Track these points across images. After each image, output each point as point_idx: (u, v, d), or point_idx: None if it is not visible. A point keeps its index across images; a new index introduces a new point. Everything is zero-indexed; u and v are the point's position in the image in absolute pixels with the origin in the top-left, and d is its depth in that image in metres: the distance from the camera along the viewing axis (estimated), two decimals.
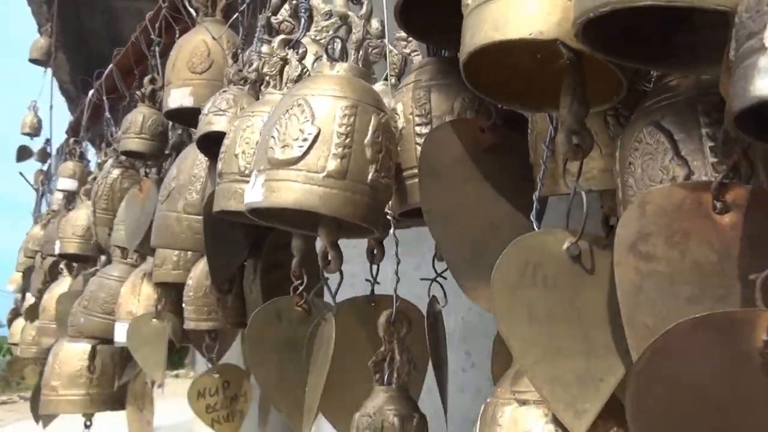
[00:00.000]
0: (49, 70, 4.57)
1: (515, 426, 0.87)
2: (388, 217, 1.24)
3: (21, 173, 4.66)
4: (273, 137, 1.12)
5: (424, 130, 1.15)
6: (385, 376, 1.20)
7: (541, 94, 0.97)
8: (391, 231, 1.26)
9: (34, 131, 4.77)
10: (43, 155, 4.66)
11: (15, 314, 4.26)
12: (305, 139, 1.10)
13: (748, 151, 0.72)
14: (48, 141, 4.55)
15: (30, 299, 3.71)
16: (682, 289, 0.73)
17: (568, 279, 0.90)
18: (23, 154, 4.82)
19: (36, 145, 4.83)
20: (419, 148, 1.15)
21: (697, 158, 0.79)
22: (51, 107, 4.18)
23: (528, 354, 0.90)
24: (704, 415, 0.66)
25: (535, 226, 0.96)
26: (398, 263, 1.24)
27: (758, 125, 0.63)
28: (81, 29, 5.18)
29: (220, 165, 1.44)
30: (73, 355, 2.34)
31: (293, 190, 1.07)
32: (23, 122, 4.76)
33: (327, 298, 1.30)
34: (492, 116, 1.13)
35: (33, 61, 4.56)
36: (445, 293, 1.22)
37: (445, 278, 1.22)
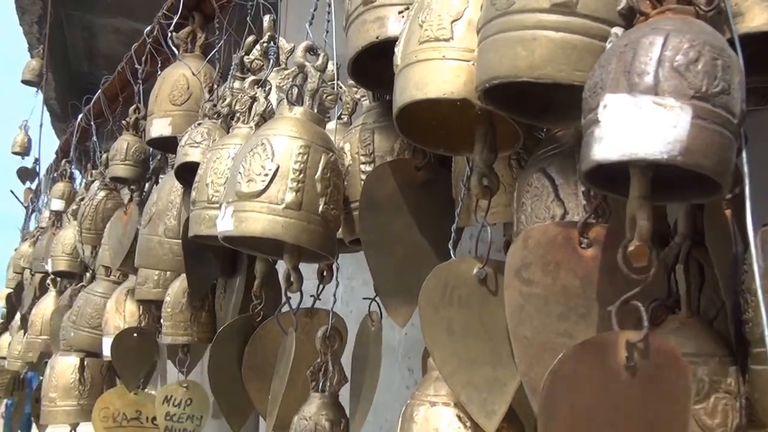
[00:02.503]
0: (41, 91, 4.72)
1: (426, 423, 1.03)
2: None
3: (12, 191, 4.80)
4: (239, 172, 1.27)
5: (368, 168, 1.31)
6: (320, 385, 1.35)
7: (461, 140, 1.13)
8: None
9: (24, 150, 4.91)
10: (33, 174, 4.80)
11: (3, 328, 4.38)
12: (266, 174, 1.25)
13: (606, 197, 0.89)
14: (37, 160, 4.69)
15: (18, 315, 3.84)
16: (554, 308, 0.89)
17: (477, 299, 1.07)
18: (24, 175, 4.95)
19: (24, 163, 4.97)
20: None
21: (571, 200, 0.96)
22: (41, 125, 4.32)
23: (447, 364, 1.06)
24: (595, 424, 0.78)
25: (452, 254, 1.12)
26: (337, 286, 1.40)
27: (610, 177, 0.79)
28: (64, 47, 5.33)
29: (193, 193, 1.58)
30: (67, 367, 2.49)
31: (259, 221, 1.22)
32: (14, 141, 4.90)
33: None
34: (427, 156, 1.30)
35: (25, 82, 4.70)
36: (380, 310, 1.36)
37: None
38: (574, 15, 0.83)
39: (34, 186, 4.76)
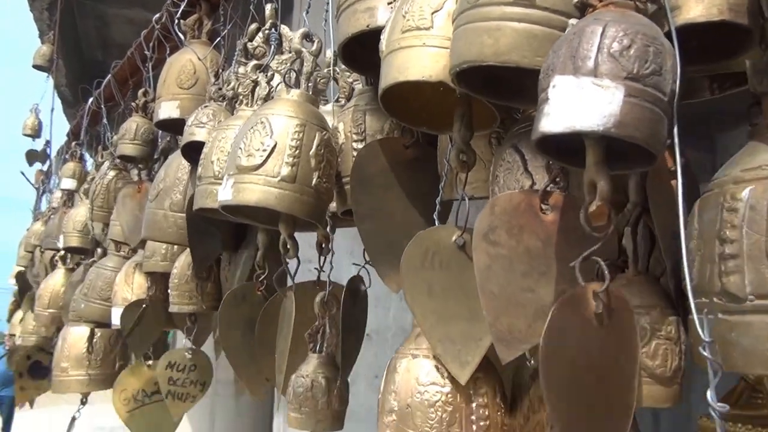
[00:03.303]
0: (51, 76, 4.84)
1: (408, 373, 1.15)
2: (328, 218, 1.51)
3: (22, 173, 4.94)
4: (240, 148, 1.39)
5: (359, 145, 1.43)
6: (317, 346, 1.47)
7: (443, 120, 1.24)
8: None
9: (35, 133, 5.05)
10: (43, 156, 4.94)
11: (15, 306, 4.52)
12: (265, 150, 1.36)
13: (563, 169, 1.01)
14: (48, 143, 4.83)
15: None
16: (518, 266, 1.01)
17: (456, 263, 1.18)
18: (32, 156, 5.08)
19: (34, 146, 5.11)
20: None
21: (539, 173, 1.07)
22: (52, 110, 4.44)
23: (426, 320, 1.18)
24: (576, 366, 0.89)
25: (436, 224, 1.24)
26: (332, 254, 1.51)
27: (567, 148, 0.90)
28: (76, 35, 5.43)
29: (199, 170, 1.70)
30: (79, 338, 2.60)
31: (255, 191, 1.34)
32: (25, 124, 5.04)
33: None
34: (415, 135, 1.42)
35: (36, 67, 4.82)
36: (369, 276, 1.48)
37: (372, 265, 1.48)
38: (535, 7, 0.94)
39: (45, 168, 4.89)
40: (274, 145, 1.36)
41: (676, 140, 0.85)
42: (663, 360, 0.94)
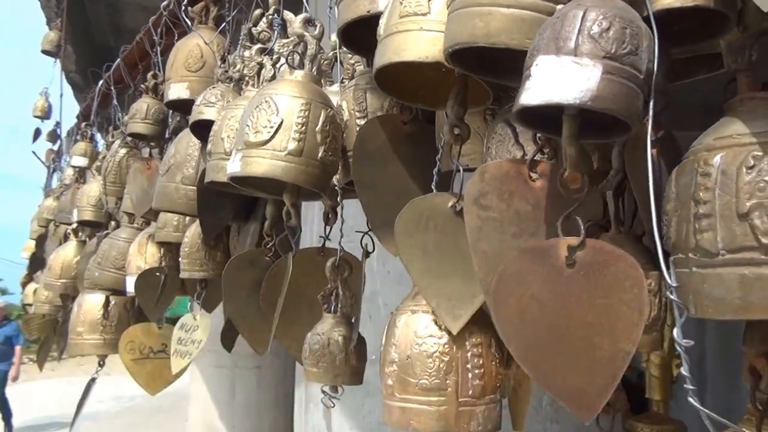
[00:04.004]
0: (59, 61, 4.94)
1: (407, 327, 1.25)
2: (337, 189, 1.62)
3: (33, 152, 5.06)
4: (247, 125, 1.49)
5: (362, 122, 1.53)
6: (332, 307, 1.55)
7: (438, 98, 1.34)
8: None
9: (44, 114, 5.18)
10: (53, 137, 5.06)
11: (28, 278, 4.66)
12: (272, 127, 1.46)
13: (550, 140, 1.11)
14: (58, 124, 4.95)
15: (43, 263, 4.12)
16: (508, 228, 1.11)
17: (452, 226, 1.26)
18: (37, 134, 5.21)
19: (45, 127, 5.24)
20: None
21: (529, 145, 1.17)
22: (61, 95, 4.55)
23: (423, 278, 1.27)
24: (541, 313, 1.01)
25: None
26: (342, 222, 1.61)
27: (551, 122, 1.00)
28: (87, 22, 5.51)
29: (209, 146, 1.80)
30: (94, 305, 2.73)
31: (262, 164, 1.44)
32: (35, 106, 5.18)
33: None
34: (413, 112, 1.51)
35: (44, 52, 4.93)
36: (374, 243, 1.58)
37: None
38: None
39: (56, 147, 5.02)
40: (281, 122, 1.46)
41: (651, 113, 0.95)
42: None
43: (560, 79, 0.90)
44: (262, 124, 1.45)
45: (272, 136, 1.44)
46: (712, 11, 1.05)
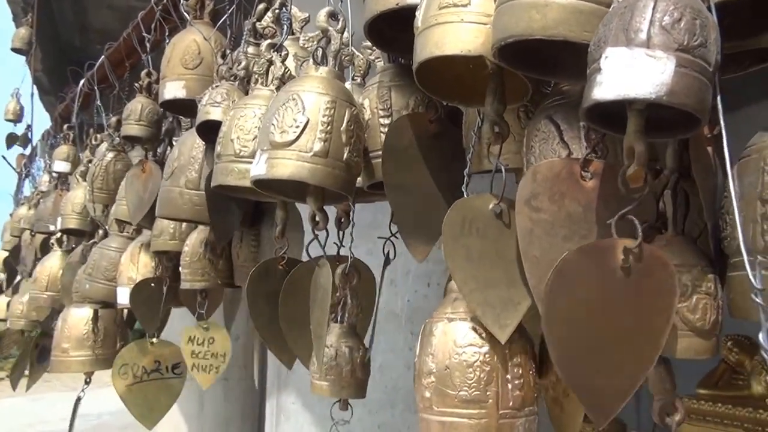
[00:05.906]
0: (29, 60, 4.77)
1: (445, 336, 1.19)
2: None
3: (4, 157, 4.87)
4: (273, 124, 1.41)
5: (386, 121, 1.47)
6: (338, 317, 1.50)
7: (474, 94, 1.28)
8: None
9: (17, 118, 4.98)
10: (25, 140, 4.88)
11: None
12: (298, 126, 1.39)
13: (604, 138, 1.07)
14: (29, 127, 4.77)
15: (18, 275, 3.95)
16: (559, 231, 1.07)
17: (493, 230, 1.22)
18: (11, 140, 5.02)
19: (15, 130, 5.04)
20: (383, 135, 1.47)
21: (575, 142, 1.13)
22: (32, 95, 4.39)
23: (466, 284, 1.21)
24: (586, 314, 0.97)
25: (465, 195, 1.28)
26: (353, 226, 1.55)
27: (608, 118, 0.95)
28: (52, 19, 5.35)
29: (218, 148, 1.71)
30: (80, 319, 2.61)
31: (288, 166, 1.37)
32: (6, 109, 4.97)
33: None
34: (439, 111, 1.46)
35: (15, 50, 4.74)
36: (395, 249, 1.53)
37: (397, 238, 1.53)
38: None
39: (27, 152, 4.84)
40: (307, 122, 1.39)
41: (720, 107, 0.92)
42: (703, 314, 1.00)
43: (633, 72, 0.85)
44: (288, 123, 1.39)
45: (298, 136, 1.37)
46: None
